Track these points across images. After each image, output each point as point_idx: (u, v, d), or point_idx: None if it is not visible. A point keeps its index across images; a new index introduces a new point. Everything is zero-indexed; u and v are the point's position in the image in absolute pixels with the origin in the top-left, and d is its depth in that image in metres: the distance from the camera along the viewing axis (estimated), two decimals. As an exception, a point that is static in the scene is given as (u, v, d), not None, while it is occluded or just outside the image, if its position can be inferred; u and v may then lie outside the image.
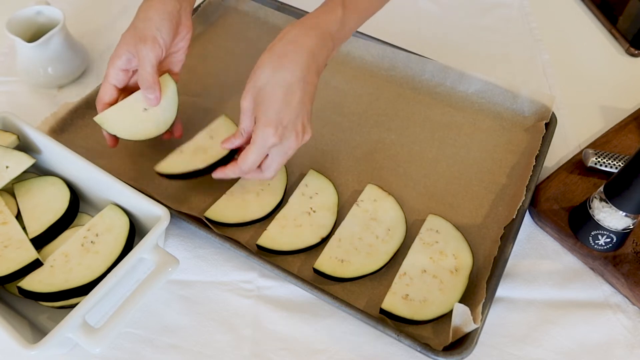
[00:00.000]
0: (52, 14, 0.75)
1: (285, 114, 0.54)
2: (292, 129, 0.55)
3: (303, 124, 0.56)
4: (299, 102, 0.55)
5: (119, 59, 0.61)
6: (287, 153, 0.57)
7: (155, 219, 0.54)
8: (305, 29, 0.56)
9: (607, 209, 0.58)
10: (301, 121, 0.56)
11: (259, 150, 0.56)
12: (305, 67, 0.55)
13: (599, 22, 0.94)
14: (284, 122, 0.54)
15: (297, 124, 0.55)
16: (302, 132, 0.56)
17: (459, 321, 0.53)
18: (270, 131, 0.54)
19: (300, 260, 0.61)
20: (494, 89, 0.75)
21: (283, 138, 0.55)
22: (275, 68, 0.54)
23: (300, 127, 0.56)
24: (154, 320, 0.57)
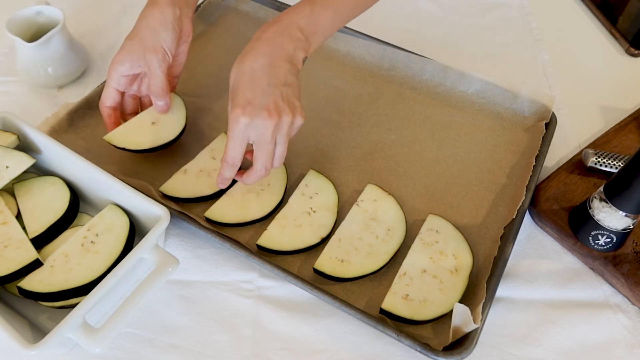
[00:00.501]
0: (52, 14, 0.75)
1: (252, 95, 0.54)
2: (261, 107, 0.53)
3: (276, 104, 0.54)
4: (267, 85, 0.54)
5: (122, 65, 0.63)
6: (265, 136, 0.55)
7: (155, 219, 0.54)
8: (267, 26, 0.58)
9: (607, 209, 0.58)
10: (273, 101, 0.54)
11: (236, 136, 0.55)
12: (269, 54, 0.55)
13: (599, 22, 0.94)
14: (252, 102, 0.53)
15: (268, 102, 0.54)
16: (276, 110, 0.54)
17: (459, 321, 0.53)
18: (238, 111, 0.53)
19: (300, 260, 0.61)
20: (494, 89, 0.75)
21: (253, 116, 0.53)
22: (239, 64, 0.56)
23: (272, 105, 0.54)
24: (154, 320, 0.57)
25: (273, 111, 0.54)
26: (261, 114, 0.53)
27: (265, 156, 0.57)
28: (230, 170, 0.58)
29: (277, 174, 0.67)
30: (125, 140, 0.65)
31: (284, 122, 0.55)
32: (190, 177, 0.66)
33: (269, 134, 0.55)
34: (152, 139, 0.66)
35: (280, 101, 0.54)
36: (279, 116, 0.54)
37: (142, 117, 0.67)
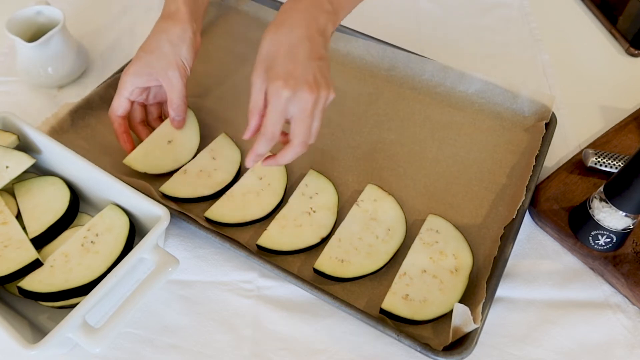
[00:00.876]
0: (52, 14, 0.75)
1: (293, 67, 0.53)
2: (302, 80, 0.52)
3: (315, 77, 0.53)
4: (306, 58, 0.53)
5: (139, 77, 0.64)
6: (306, 110, 0.53)
7: (155, 219, 0.54)
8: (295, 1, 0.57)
9: (607, 209, 0.58)
10: (312, 74, 0.53)
11: (276, 109, 0.53)
12: (304, 26, 0.54)
13: (599, 22, 0.94)
14: (293, 74, 0.52)
15: (308, 76, 0.53)
16: (316, 84, 0.53)
17: (459, 321, 0.53)
18: (280, 83, 0.52)
19: (300, 260, 0.61)
20: (494, 89, 0.75)
21: (295, 89, 0.52)
22: (274, 34, 0.55)
23: (311, 79, 0.53)
24: (154, 320, 0.57)
25: (313, 85, 0.53)
26: (303, 87, 0.52)
27: (305, 131, 0.55)
28: (267, 145, 0.56)
29: (277, 173, 0.67)
30: (146, 165, 0.66)
31: (322, 97, 0.54)
32: (190, 177, 0.66)
33: (310, 108, 0.54)
34: (173, 160, 0.67)
35: (318, 75, 0.54)
36: (318, 90, 0.53)
37: (157, 136, 0.68)
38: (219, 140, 0.70)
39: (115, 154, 0.69)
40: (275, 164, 0.59)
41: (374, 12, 0.93)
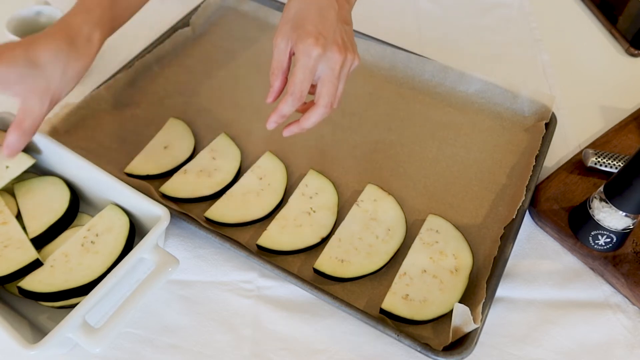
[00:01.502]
0: (52, 14, 0.75)
1: (323, 26, 0.52)
2: (332, 41, 0.52)
3: (343, 40, 0.54)
4: (335, 20, 0.53)
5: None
6: (335, 70, 0.53)
7: (155, 219, 0.54)
8: None
9: (607, 209, 0.58)
10: (340, 36, 0.54)
11: (306, 65, 0.52)
12: None
13: (599, 22, 0.94)
14: (323, 33, 0.52)
15: (337, 37, 0.53)
16: (344, 46, 0.53)
17: (459, 321, 0.53)
18: (311, 41, 0.51)
19: (300, 260, 0.61)
20: (494, 89, 0.75)
21: (326, 48, 0.52)
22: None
23: (340, 40, 0.53)
24: (154, 320, 0.57)
25: (342, 46, 0.53)
26: (333, 47, 0.53)
27: (331, 92, 0.54)
28: (293, 104, 0.54)
29: (277, 173, 0.67)
30: (145, 169, 0.66)
31: (349, 60, 0.54)
32: (190, 177, 0.66)
33: (338, 69, 0.53)
34: (171, 160, 0.68)
35: (345, 38, 0.54)
36: (346, 52, 0.54)
37: (153, 144, 0.69)
38: (219, 140, 0.70)
39: (116, 155, 0.69)
40: (298, 130, 0.57)
41: (374, 12, 0.93)
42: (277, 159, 0.68)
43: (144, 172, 0.66)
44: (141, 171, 0.66)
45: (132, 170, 0.66)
